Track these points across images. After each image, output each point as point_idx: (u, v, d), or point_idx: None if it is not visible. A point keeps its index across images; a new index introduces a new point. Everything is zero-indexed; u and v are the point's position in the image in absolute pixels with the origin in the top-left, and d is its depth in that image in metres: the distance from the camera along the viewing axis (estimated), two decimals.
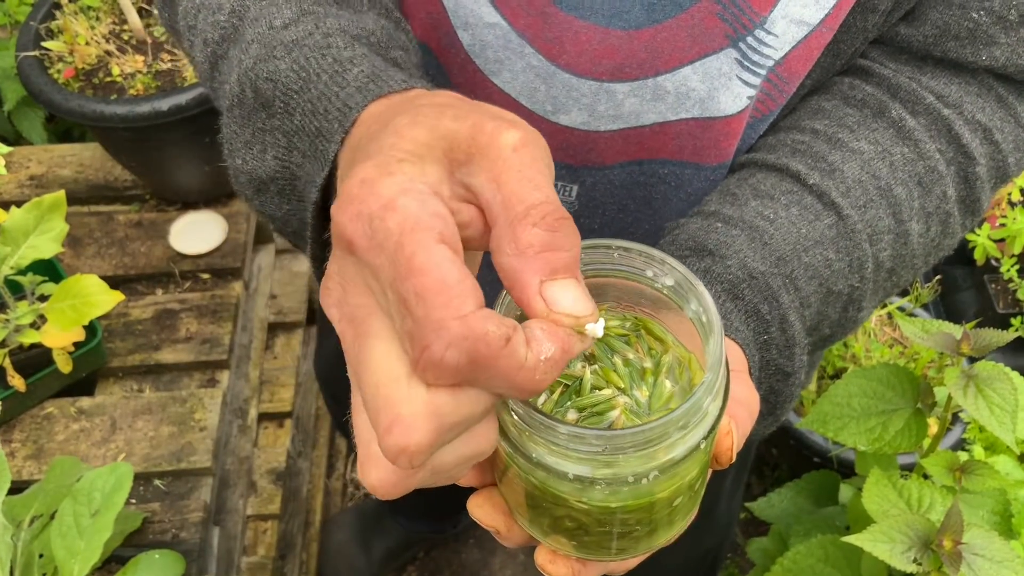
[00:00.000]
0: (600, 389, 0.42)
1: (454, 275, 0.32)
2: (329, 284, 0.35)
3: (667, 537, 0.44)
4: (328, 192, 0.46)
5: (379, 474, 0.35)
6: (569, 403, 0.42)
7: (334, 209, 0.34)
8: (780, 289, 0.54)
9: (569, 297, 0.34)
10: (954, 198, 0.61)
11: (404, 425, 0.32)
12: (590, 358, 0.43)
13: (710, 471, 0.44)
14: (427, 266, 0.31)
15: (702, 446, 0.38)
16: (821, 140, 0.60)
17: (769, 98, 0.61)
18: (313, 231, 0.47)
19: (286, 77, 0.47)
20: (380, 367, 0.33)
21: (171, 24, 0.60)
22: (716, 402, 0.38)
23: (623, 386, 0.42)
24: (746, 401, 0.46)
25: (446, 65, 0.64)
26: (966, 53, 0.60)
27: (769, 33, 0.56)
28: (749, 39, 0.56)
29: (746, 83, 0.59)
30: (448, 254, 0.32)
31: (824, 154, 0.59)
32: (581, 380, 0.42)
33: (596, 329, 0.35)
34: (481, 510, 0.44)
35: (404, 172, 0.34)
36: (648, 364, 0.43)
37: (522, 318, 0.34)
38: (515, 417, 0.37)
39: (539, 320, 0.33)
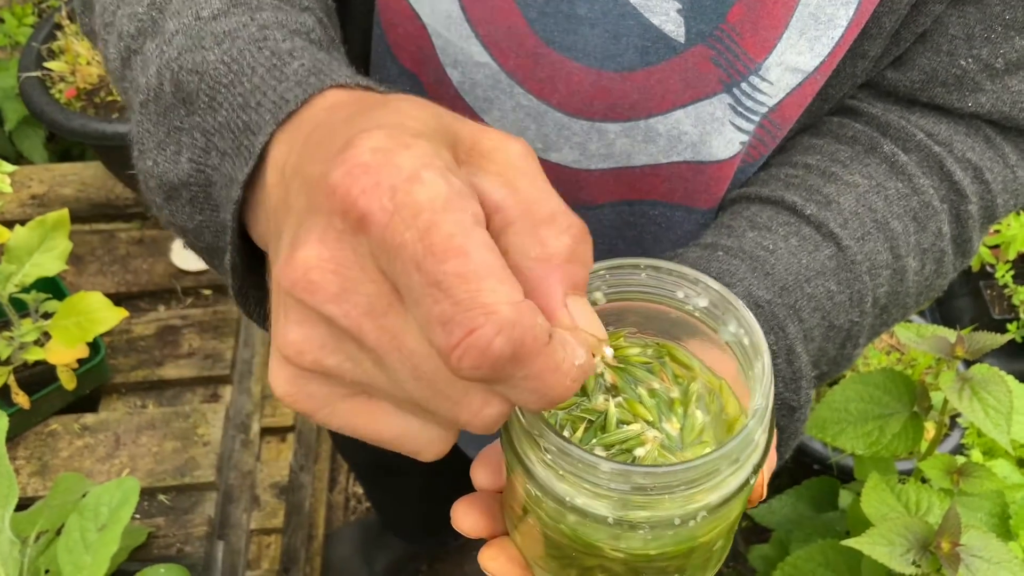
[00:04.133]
0: (626, 423, 0.38)
1: (499, 260, 0.29)
2: (319, 276, 0.30)
3: None
4: (248, 195, 0.41)
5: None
6: (595, 440, 0.38)
7: (337, 176, 0.30)
8: (786, 319, 0.53)
9: (586, 316, 0.32)
10: (949, 236, 0.60)
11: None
12: (612, 390, 0.39)
13: None
14: (468, 247, 0.28)
15: (752, 481, 0.35)
16: (814, 174, 0.59)
17: (761, 143, 0.61)
18: (233, 235, 0.41)
19: (215, 69, 0.43)
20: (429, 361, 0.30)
21: (89, 27, 0.57)
22: (766, 433, 0.35)
23: (651, 419, 0.38)
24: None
25: (435, 100, 0.62)
26: (952, 99, 0.60)
27: (763, 80, 0.56)
28: (743, 85, 0.56)
29: (739, 128, 0.58)
30: (487, 238, 0.29)
31: (819, 187, 0.58)
32: (606, 414, 0.38)
33: (608, 354, 0.33)
34: (495, 563, 0.40)
35: (422, 147, 0.30)
36: (676, 394, 0.39)
37: None
38: (547, 456, 0.33)
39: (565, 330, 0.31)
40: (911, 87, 0.61)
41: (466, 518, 0.40)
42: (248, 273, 0.44)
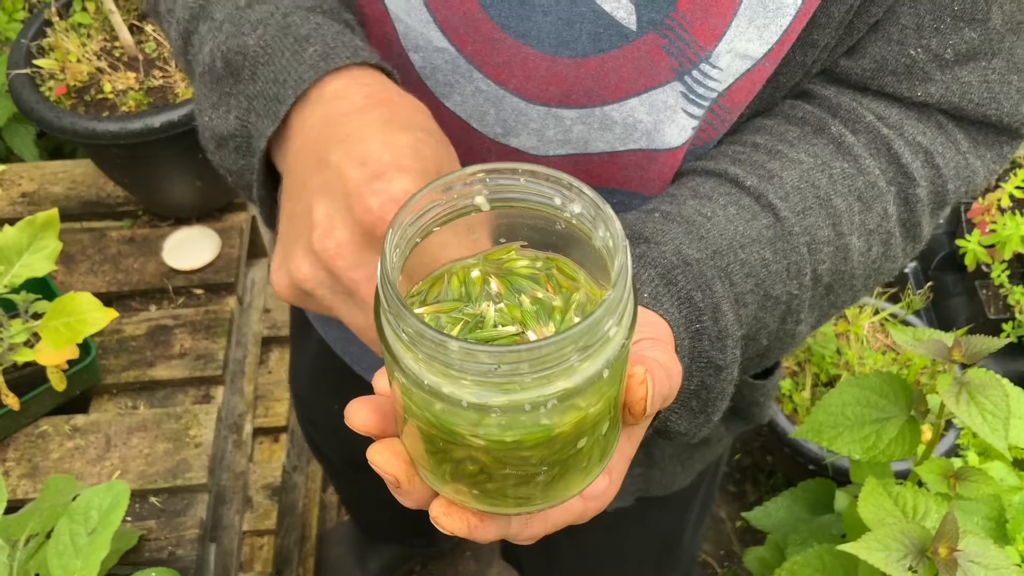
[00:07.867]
0: (505, 326, 0.40)
1: None
2: (343, 252, 0.47)
3: (572, 490, 0.43)
4: (272, 145, 0.56)
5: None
6: (468, 337, 0.40)
7: (375, 204, 0.46)
8: (714, 278, 0.54)
9: None
10: (895, 217, 0.61)
11: None
12: (496, 297, 0.41)
13: (622, 423, 0.43)
14: None
15: (605, 375, 0.36)
16: (761, 151, 0.60)
17: (711, 127, 0.61)
18: (260, 175, 0.57)
19: (254, 52, 0.56)
20: None
21: (154, 8, 0.68)
22: (620, 328, 0.36)
23: (528, 323, 0.40)
24: (666, 364, 0.45)
25: (399, 84, 0.64)
26: (902, 88, 0.61)
27: (714, 67, 0.57)
28: (694, 72, 0.57)
29: (690, 115, 0.59)
30: None
31: (763, 162, 0.59)
32: (483, 316, 0.40)
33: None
34: (381, 456, 0.42)
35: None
36: (558, 302, 0.41)
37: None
38: (406, 338, 0.35)
39: None
40: (862, 75, 0.61)
41: (358, 414, 0.43)
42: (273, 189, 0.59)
